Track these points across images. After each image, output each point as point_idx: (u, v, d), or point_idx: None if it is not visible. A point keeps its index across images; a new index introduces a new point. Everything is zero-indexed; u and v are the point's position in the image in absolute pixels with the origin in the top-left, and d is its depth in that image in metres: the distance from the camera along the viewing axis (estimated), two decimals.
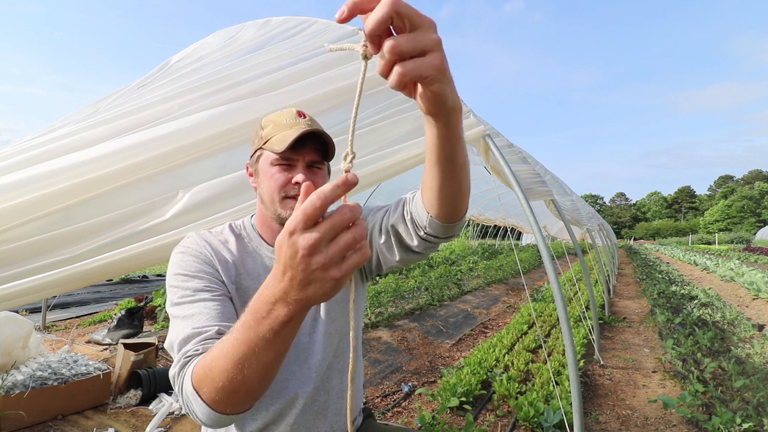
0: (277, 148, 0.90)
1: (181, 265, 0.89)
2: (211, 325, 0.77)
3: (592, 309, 4.41)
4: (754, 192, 58.73)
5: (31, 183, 1.27)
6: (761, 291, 7.96)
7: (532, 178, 2.95)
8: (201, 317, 0.79)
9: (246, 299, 0.94)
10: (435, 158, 0.70)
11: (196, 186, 1.43)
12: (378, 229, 0.95)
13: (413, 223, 0.88)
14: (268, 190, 0.94)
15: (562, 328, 1.96)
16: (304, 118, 0.96)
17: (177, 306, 0.83)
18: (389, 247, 0.94)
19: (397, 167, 1.69)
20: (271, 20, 2.06)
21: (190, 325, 0.78)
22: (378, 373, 3.71)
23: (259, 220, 1.03)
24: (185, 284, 0.86)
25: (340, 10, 0.45)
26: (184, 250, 0.93)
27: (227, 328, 0.75)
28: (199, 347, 0.73)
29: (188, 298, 0.83)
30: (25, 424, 2.54)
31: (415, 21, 0.44)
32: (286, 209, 0.93)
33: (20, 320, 3.01)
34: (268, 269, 0.98)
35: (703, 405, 3.01)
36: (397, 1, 0.42)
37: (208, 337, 0.75)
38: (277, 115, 0.97)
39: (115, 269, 1.32)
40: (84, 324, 5.23)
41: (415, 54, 0.45)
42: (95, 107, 1.93)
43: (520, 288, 9.08)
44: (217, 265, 0.92)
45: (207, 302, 0.82)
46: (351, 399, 0.56)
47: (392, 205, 0.96)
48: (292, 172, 0.93)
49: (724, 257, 19.41)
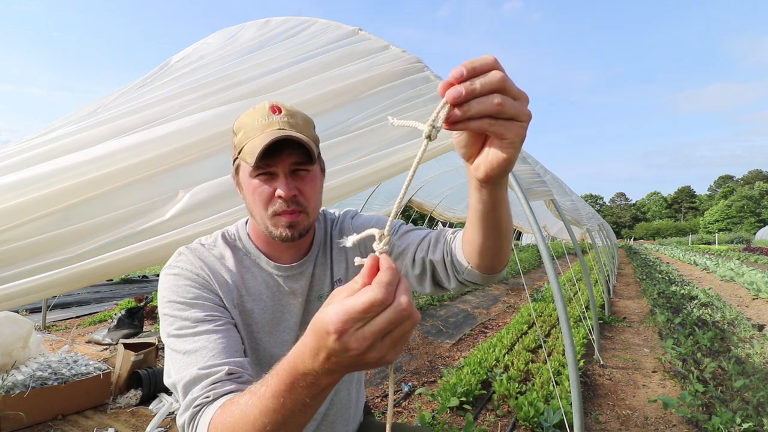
0: (249, 158, 0.78)
1: (175, 291, 0.80)
2: (219, 365, 0.70)
3: (592, 309, 4.41)
4: (754, 192, 58.73)
5: (31, 183, 1.27)
6: (761, 291, 7.96)
7: (532, 178, 2.95)
8: (205, 353, 0.72)
9: (249, 322, 0.89)
10: (478, 222, 0.69)
11: (196, 186, 1.43)
12: (411, 258, 0.90)
13: (453, 266, 0.84)
14: (254, 206, 0.84)
15: (562, 328, 1.96)
16: (279, 114, 0.83)
17: (175, 339, 0.75)
18: (422, 280, 0.91)
19: (397, 167, 1.69)
20: (271, 20, 2.06)
21: (195, 365, 0.70)
22: (378, 373, 3.71)
23: (253, 230, 0.94)
24: (183, 314, 0.77)
25: (458, 71, 0.45)
26: (177, 272, 0.83)
27: (237, 365, 0.72)
28: (210, 394, 0.67)
29: (188, 330, 0.75)
30: (25, 424, 2.54)
31: (518, 94, 0.48)
32: (277, 227, 0.83)
33: (20, 320, 3.01)
34: (269, 286, 0.92)
35: (703, 405, 3.01)
36: (506, 77, 0.46)
37: (218, 380, 0.68)
38: (248, 116, 0.84)
39: (115, 269, 1.32)
40: (84, 324, 5.23)
41: (509, 118, 0.48)
42: (95, 106, 1.93)
43: (520, 288, 9.08)
44: (216, 289, 0.84)
45: (210, 335, 0.75)
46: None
47: (431, 237, 0.90)
48: (275, 182, 0.82)
49: (724, 257, 19.41)
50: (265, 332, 0.92)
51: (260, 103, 0.86)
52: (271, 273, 0.93)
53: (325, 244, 1.02)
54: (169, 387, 0.76)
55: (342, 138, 1.64)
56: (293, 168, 0.83)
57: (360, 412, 1.15)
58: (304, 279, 0.95)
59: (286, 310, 0.94)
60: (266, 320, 0.92)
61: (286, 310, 0.94)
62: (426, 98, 1.88)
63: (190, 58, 2.04)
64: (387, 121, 1.85)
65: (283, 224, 0.83)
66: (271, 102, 0.85)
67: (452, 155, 6.48)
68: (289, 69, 1.67)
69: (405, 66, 1.87)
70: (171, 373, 0.74)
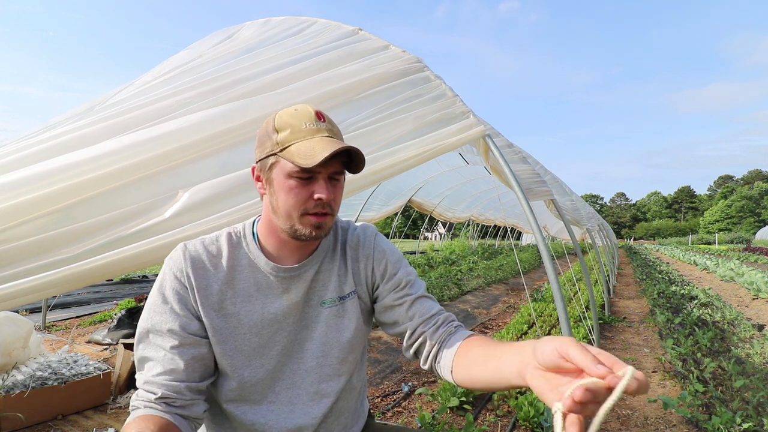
0: (301, 162, 0.79)
1: (160, 284, 0.88)
2: (156, 388, 0.82)
3: (592, 309, 4.41)
4: (754, 192, 58.76)
5: (31, 182, 1.27)
6: (761, 291, 7.96)
7: (532, 178, 2.95)
8: (153, 369, 0.84)
9: (231, 324, 0.90)
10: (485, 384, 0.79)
11: (196, 186, 1.43)
12: (411, 330, 0.96)
13: (435, 357, 0.93)
14: (285, 205, 0.85)
15: (562, 328, 1.96)
16: (323, 122, 0.86)
17: (144, 331, 0.86)
18: (407, 347, 0.98)
19: (397, 167, 1.69)
20: (271, 20, 2.06)
21: (143, 374, 0.85)
22: (378, 373, 3.71)
23: (264, 227, 0.93)
24: (155, 316, 0.86)
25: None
26: (168, 268, 0.89)
27: (172, 391, 0.82)
28: (141, 405, 0.81)
29: (152, 335, 0.86)
30: (25, 424, 2.53)
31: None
32: (305, 226, 0.86)
33: (20, 320, 3.01)
34: (260, 286, 0.92)
35: (703, 405, 3.01)
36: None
37: (149, 399, 0.81)
38: (293, 116, 0.85)
39: (115, 269, 1.32)
40: (84, 324, 5.23)
41: None
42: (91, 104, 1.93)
43: (520, 288, 9.08)
44: (194, 295, 0.87)
45: (166, 353, 0.84)
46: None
47: (438, 317, 0.96)
48: (312, 185, 0.84)
49: (724, 257, 19.42)
50: (253, 333, 0.92)
51: (300, 106, 0.88)
52: (267, 274, 0.93)
53: (334, 251, 1.01)
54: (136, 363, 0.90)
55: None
56: (331, 175, 0.87)
57: (363, 417, 1.14)
58: (302, 282, 0.95)
59: (279, 312, 0.93)
60: (254, 321, 0.92)
61: (279, 312, 0.93)
62: (426, 98, 1.88)
63: (189, 57, 2.04)
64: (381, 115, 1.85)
65: (312, 224, 0.86)
66: (314, 107, 0.88)
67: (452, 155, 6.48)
68: (289, 68, 1.67)
69: (405, 66, 1.87)
70: (137, 357, 0.88)
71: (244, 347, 0.91)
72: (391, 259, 1.02)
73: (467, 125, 1.91)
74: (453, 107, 1.95)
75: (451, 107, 1.94)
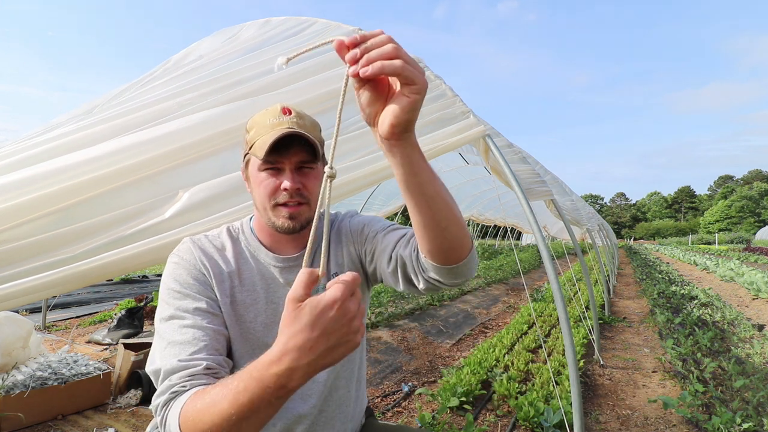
0: (259, 153, 0.85)
1: (174, 278, 0.87)
2: (199, 360, 0.75)
3: (592, 309, 4.41)
4: (754, 192, 58.75)
5: (31, 183, 1.27)
6: (761, 291, 7.96)
7: (532, 178, 2.95)
8: (188, 347, 0.77)
9: (240, 312, 0.92)
10: (406, 195, 0.70)
11: (196, 186, 1.43)
12: (387, 256, 0.92)
13: (419, 264, 0.85)
14: (259, 198, 0.90)
15: (562, 328, 1.96)
16: (289, 115, 0.89)
17: (166, 323, 0.81)
18: (395, 276, 0.92)
19: None
20: (271, 20, 2.06)
21: (178, 356, 0.75)
22: (378, 373, 3.71)
23: (257, 224, 1.00)
24: (177, 302, 0.83)
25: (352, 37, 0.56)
26: (177, 260, 0.90)
27: (215, 363, 0.77)
28: (187, 384, 0.71)
29: (177, 321, 0.81)
30: (25, 424, 2.54)
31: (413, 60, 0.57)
32: (279, 217, 0.89)
33: (20, 320, 3.01)
34: (263, 276, 0.96)
35: (703, 405, 3.01)
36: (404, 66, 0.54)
37: (195, 373, 0.73)
38: (261, 115, 0.91)
39: (115, 269, 1.32)
40: (84, 324, 5.23)
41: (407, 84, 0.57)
42: (91, 105, 1.93)
43: (520, 288, 9.08)
44: (211, 280, 0.89)
45: (196, 330, 0.80)
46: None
47: (408, 233, 0.92)
48: (281, 177, 0.89)
49: (724, 257, 19.42)
50: (259, 323, 0.94)
51: (272, 105, 0.92)
52: (268, 265, 0.97)
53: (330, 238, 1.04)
54: (149, 374, 0.79)
55: (342, 138, 1.64)
56: (299, 165, 0.90)
57: (361, 412, 1.15)
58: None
59: (281, 302, 0.95)
60: (260, 311, 0.94)
61: (281, 302, 0.95)
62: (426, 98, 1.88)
63: (189, 57, 2.04)
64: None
65: (284, 215, 0.89)
66: (283, 104, 0.92)
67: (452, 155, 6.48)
68: (289, 69, 1.67)
69: None
70: (155, 359, 0.78)
71: (249, 336, 0.93)
72: (367, 223, 1.04)
73: (467, 125, 1.91)
74: (453, 107, 1.95)
75: (451, 107, 1.95)
